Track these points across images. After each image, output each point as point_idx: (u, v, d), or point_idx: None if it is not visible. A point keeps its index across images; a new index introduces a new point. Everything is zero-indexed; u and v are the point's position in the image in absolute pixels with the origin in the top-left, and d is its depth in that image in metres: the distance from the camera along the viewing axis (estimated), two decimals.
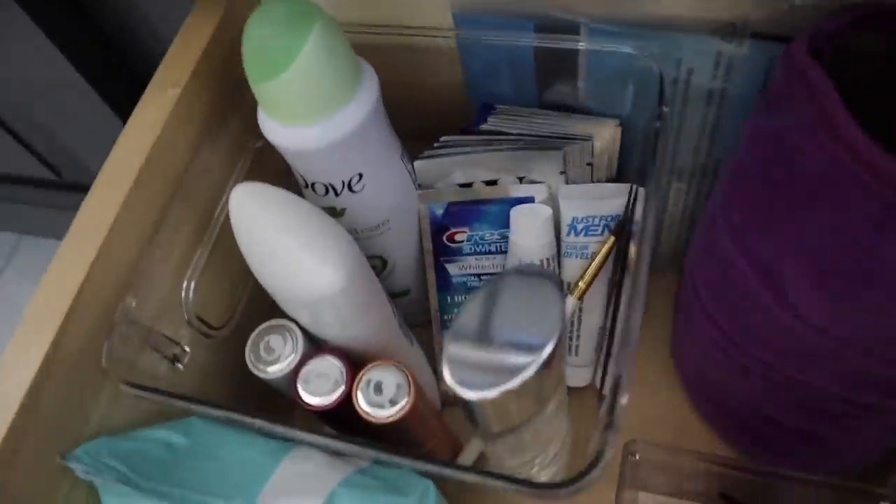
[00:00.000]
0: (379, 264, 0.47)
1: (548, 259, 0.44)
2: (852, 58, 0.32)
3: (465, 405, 0.33)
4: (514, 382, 0.30)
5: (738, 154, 0.35)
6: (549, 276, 0.32)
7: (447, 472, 0.33)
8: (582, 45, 0.39)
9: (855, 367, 0.32)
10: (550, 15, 0.39)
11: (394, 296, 0.49)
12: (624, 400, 0.30)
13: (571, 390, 0.50)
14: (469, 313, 0.33)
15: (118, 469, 0.36)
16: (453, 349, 0.31)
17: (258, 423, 0.35)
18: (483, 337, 0.32)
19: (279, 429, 0.35)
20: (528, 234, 0.43)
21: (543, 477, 0.45)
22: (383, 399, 0.39)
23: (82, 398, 0.37)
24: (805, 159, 0.30)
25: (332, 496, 0.34)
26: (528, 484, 0.30)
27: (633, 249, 0.38)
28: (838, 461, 0.41)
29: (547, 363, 0.30)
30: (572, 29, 0.39)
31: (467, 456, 0.49)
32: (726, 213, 0.35)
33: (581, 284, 0.44)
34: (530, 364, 0.30)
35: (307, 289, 0.36)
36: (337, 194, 0.41)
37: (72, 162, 0.77)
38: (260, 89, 0.36)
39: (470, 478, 0.32)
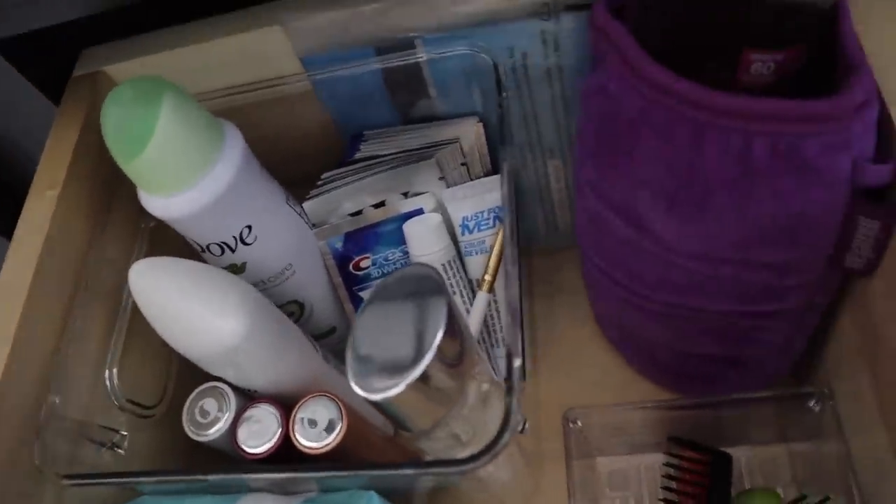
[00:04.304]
0: (296, 309, 0.48)
1: (449, 262, 0.46)
2: (657, 6, 0.35)
3: (384, 411, 0.34)
4: (412, 377, 0.31)
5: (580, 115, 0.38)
6: (426, 270, 0.33)
7: (376, 473, 0.34)
8: (421, 57, 0.42)
9: (722, 282, 0.34)
10: (387, 37, 0.42)
11: (322, 336, 0.51)
12: (517, 363, 0.32)
13: None
14: (363, 322, 0.34)
15: None
16: (355, 357, 0.33)
17: (199, 476, 0.36)
18: (379, 341, 0.33)
19: (218, 477, 0.36)
20: (424, 244, 0.45)
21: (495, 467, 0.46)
22: (319, 430, 0.40)
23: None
24: (624, 101, 0.32)
25: None
26: (442, 463, 0.32)
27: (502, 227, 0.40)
28: (763, 374, 0.43)
29: (442, 352, 0.32)
30: (409, 45, 0.42)
31: None
32: (583, 171, 0.37)
33: (487, 277, 0.46)
34: (423, 358, 0.31)
35: (215, 343, 0.38)
36: (233, 251, 0.42)
37: None
38: (129, 169, 0.38)
39: (399, 473, 0.33)
